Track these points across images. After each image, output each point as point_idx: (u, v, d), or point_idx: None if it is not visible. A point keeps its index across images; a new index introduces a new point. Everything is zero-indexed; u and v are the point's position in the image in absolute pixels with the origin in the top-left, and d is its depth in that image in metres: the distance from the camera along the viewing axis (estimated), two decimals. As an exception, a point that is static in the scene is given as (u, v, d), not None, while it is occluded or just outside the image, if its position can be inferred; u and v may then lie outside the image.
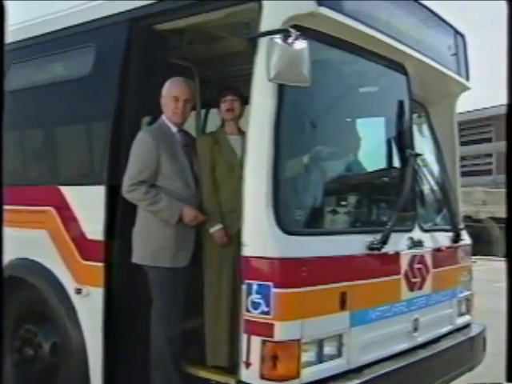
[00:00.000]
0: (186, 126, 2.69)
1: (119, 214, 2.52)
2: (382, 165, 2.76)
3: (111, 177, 2.54)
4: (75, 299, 2.56)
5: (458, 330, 2.97)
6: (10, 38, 1.62)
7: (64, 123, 2.94)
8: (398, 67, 2.70)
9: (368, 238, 2.37)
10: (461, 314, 3.03)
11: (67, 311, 2.57)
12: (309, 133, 2.36)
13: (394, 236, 2.44)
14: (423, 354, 2.58)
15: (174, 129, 2.60)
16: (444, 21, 2.97)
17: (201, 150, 2.58)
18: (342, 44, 2.35)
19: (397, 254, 2.52)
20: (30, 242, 2.74)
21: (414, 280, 2.61)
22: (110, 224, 2.51)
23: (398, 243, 2.54)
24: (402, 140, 2.69)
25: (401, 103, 2.71)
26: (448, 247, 2.94)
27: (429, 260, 2.72)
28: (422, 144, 3.07)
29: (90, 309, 2.51)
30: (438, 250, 2.82)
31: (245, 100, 2.44)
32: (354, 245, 2.33)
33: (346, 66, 2.59)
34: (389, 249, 2.43)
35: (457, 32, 3.09)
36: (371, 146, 2.85)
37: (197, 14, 2.45)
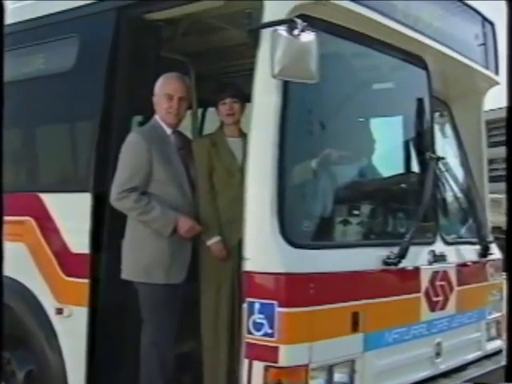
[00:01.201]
0: (181, 127, 2.75)
1: (107, 225, 2.58)
2: (400, 170, 2.83)
3: (98, 183, 2.61)
4: (55, 320, 2.61)
5: (488, 356, 3.00)
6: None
7: (45, 123, 3.02)
8: (417, 60, 2.76)
9: (384, 252, 2.42)
10: (490, 339, 3.07)
11: (46, 334, 2.61)
12: (317, 134, 2.42)
13: (412, 249, 2.49)
14: (447, 383, 2.61)
15: (168, 130, 2.66)
16: (470, 7, 3.00)
17: (197, 153, 2.65)
18: (353, 35, 2.42)
19: (416, 270, 2.57)
20: (5, 256, 2.82)
21: (435, 299, 2.65)
22: (97, 236, 2.57)
23: (418, 257, 2.58)
24: (421, 142, 2.75)
25: (420, 101, 2.77)
26: (475, 262, 2.98)
27: (453, 276, 2.76)
28: (445, 146, 3.14)
29: (72, 331, 2.57)
30: (463, 265, 2.87)
31: (246, 98, 2.50)
32: (368, 259, 2.38)
33: (358, 59, 2.66)
34: (407, 264, 2.48)
35: (485, 19, 3.12)
36: (387, 148, 2.92)
37: (193, 3, 2.51)
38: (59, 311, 2.61)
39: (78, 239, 2.61)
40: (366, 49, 2.53)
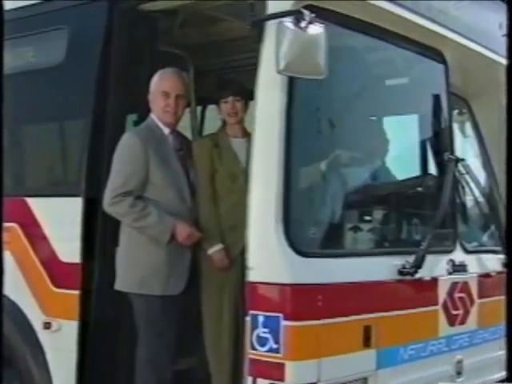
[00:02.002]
0: (179, 127, 2.81)
1: (99, 232, 2.63)
2: (415, 172, 2.87)
3: (90, 187, 2.66)
4: (43, 335, 2.65)
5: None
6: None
7: (32, 122, 3.07)
8: (434, 54, 2.80)
9: (398, 261, 2.46)
10: (516, 357, 3.11)
11: (32, 350, 2.65)
12: (326, 134, 2.46)
13: (430, 258, 2.52)
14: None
15: (166, 130, 2.72)
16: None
17: (198, 154, 2.70)
18: (365, 27, 2.46)
19: (434, 281, 2.61)
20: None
21: (455, 312, 2.69)
22: (89, 243, 2.62)
23: (436, 267, 2.62)
24: (439, 142, 2.80)
25: (437, 98, 2.81)
26: (498, 273, 3.00)
27: (474, 288, 2.80)
28: (464, 146, 3.18)
29: (60, 347, 2.61)
30: (485, 275, 2.90)
31: (249, 96, 2.55)
32: (382, 269, 2.42)
33: (370, 53, 2.71)
34: (424, 274, 2.52)
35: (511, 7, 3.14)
36: (401, 149, 2.98)
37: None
38: (47, 325, 2.66)
39: (68, 247, 2.66)
40: (378, 41, 2.58)
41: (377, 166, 2.80)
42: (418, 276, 2.47)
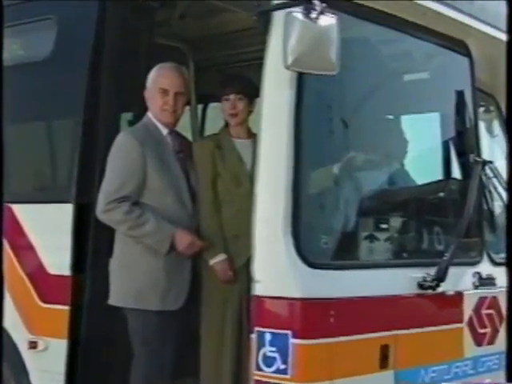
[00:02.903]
0: (179, 127, 2.87)
1: (92, 241, 2.69)
2: (437, 176, 2.91)
3: (81, 192, 2.72)
4: (28, 356, 2.70)
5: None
6: None
7: (18, 121, 3.08)
8: (458, 46, 2.84)
9: (418, 274, 2.49)
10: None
11: (15, 373, 2.70)
12: (339, 135, 2.51)
13: (453, 271, 2.55)
14: None
15: (164, 130, 2.77)
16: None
17: (199, 157, 2.75)
18: (381, 17, 2.50)
19: (458, 295, 2.64)
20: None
21: (482, 331, 2.71)
22: (80, 254, 2.68)
23: (460, 280, 2.65)
24: (463, 142, 2.82)
25: (461, 94, 2.84)
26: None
27: (503, 304, 2.79)
28: (492, 147, 3.21)
29: (47, 368, 2.66)
30: (515, 289, 2.95)
31: (254, 93, 2.59)
32: (400, 282, 2.46)
33: (386, 46, 2.76)
34: (447, 288, 2.55)
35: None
36: (422, 150, 3.03)
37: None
38: (32, 345, 2.71)
39: (57, 258, 2.72)
40: (396, 33, 2.62)
41: (394, 169, 2.85)
42: (440, 290, 2.50)
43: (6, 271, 2.70)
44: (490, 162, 2.90)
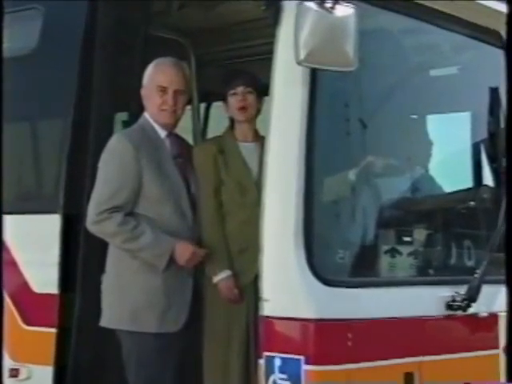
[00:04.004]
0: (178, 128, 2.92)
1: (81, 256, 2.73)
2: (467, 182, 2.94)
3: (69, 201, 2.77)
4: (8, 386, 2.74)
5: None
6: None
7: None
8: (491, 37, 2.86)
9: (446, 292, 2.52)
10: None
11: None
12: (356, 137, 2.54)
13: (486, 289, 2.57)
14: None
15: (162, 132, 2.82)
16: None
17: (200, 162, 2.79)
18: (404, 6, 2.53)
19: (492, 317, 2.65)
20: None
21: (521, 357, 2.74)
22: (68, 270, 2.73)
23: (494, 300, 2.67)
24: (496, 145, 2.83)
25: (495, 91, 2.85)
26: None
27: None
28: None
29: (29, 401, 2.70)
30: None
31: (264, 91, 2.66)
32: (426, 302, 2.48)
33: (410, 38, 2.81)
34: (479, 309, 2.57)
35: None
36: (449, 154, 3.06)
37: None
38: (14, 373, 2.75)
39: (43, 275, 2.77)
40: (421, 23, 2.66)
41: (418, 174, 2.88)
42: (471, 311, 2.52)
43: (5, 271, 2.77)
44: (527, 167, 2.95)
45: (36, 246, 2.81)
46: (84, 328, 2.70)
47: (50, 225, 2.76)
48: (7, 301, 2.84)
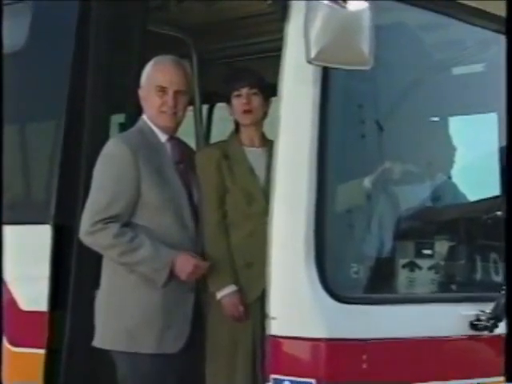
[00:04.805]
0: (179, 132, 2.95)
1: (74, 270, 2.76)
2: (493, 190, 2.91)
3: (61, 211, 2.80)
4: (-8, 412, 2.76)
5: None
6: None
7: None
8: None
9: (470, 310, 2.53)
10: None
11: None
12: (372, 141, 2.58)
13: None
14: None
15: (162, 136, 2.86)
16: None
17: (203, 169, 2.83)
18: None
19: (522, 338, 2.69)
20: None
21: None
22: (59, 286, 2.75)
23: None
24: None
25: (524, 90, 2.92)
26: None
27: None
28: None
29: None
30: None
31: (271, 92, 2.70)
32: (448, 321, 2.50)
33: (430, 33, 2.84)
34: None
35: None
36: (474, 160, 3.09)
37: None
38: (0, 399, 2.76)
39: (32, 291, 2.80)
40: (442, 17, 2.70)
41: (440, 182, 2.91)
42: (498, 332, 2.53)
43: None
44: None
45: (24, 259, 2.84)
46: (75, 349, 2.74)
47: (40, 236, 2.79)
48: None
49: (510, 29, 2.51)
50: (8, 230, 2.85)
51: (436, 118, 3.04)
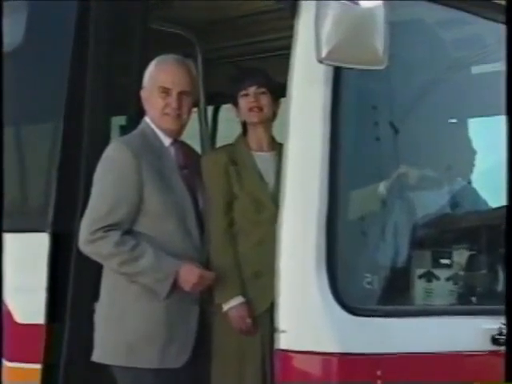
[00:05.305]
0: (184, 135, 2.97)
1: (72, 281, 2.77)
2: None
3: (59, 218, 2.81)
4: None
5: None
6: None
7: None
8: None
9: (492, 324, 2.54)
10: None
11: None
12: (387, 145, 2.60)
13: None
14: None
15: (166, 140, 2.88)
16: None
17: (210, 174, 2.85)
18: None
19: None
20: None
21: None
22: (57, 297, 2.77)
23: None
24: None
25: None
26: None
27: None
28: None
29: None
30: None
31: (280, 92, 2.71)
32: (468, 335, 2.51)
33: (448, 30, 2.85)
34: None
35: None
36: (495, 164, 3.03)
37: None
38: (-6, 417, 2.76)
39: (28, 303, 2.81)
40: (461, 13, 2.71)
41: (459, 187, 2.93)
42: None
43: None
44: None
45: (20, 269, 2.84)
46: (74, 364, 2.75)
47: (37, 245, 2.81)
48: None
49: (510, 28, 2.53)
50: (3, 238, 2.89)
51: (455, 120, 3.07)
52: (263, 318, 2.69)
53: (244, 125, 2.94)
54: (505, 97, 2.54)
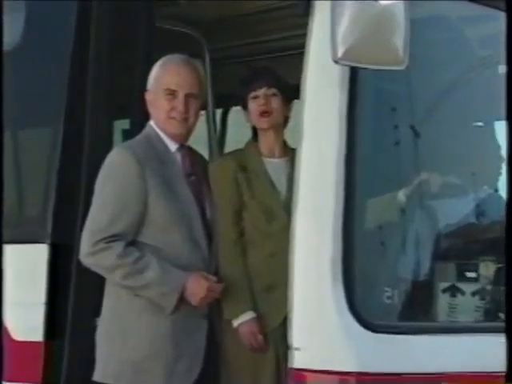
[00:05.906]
0: (191, 140, 2.99)
1: (73, 295, 2.79)
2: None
3: (59, 229, 2.84)
4: None
5: None
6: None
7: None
8: None
9: None
10: None
11: None
12: (407, 149, 2.61)
13: None
14: None
15: (172, 145, 2.91)
16: None
17: (218, 182, 2.88)
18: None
19: None
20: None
21: None
22: (56, 313, 2.79)
23: None
24: None
25: None
26: None
27: None
28: None
29: None
30: None
31: (292, 94, 2.74)
32: (494, 353, 2.46)
33: (473, 27, 2.87)
34: None
35: None
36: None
37: None
38: None
39: (26, 319, 2.84)
40: (488, 9, 2.73)
41: (485, 195, 2.94)
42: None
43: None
44: None
45: (17, 283, 2.85)
46: (73, 383, 2.76)
47: (36, 257, 2.84)
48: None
49: (510, 27, 2.55)
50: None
51: (480, 123, 3.07)
52: (275, 334, 2.72)
53: (254, 129, 2.98)
54: (505, 98, 2.56)
